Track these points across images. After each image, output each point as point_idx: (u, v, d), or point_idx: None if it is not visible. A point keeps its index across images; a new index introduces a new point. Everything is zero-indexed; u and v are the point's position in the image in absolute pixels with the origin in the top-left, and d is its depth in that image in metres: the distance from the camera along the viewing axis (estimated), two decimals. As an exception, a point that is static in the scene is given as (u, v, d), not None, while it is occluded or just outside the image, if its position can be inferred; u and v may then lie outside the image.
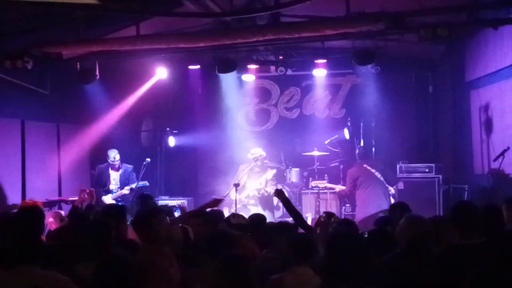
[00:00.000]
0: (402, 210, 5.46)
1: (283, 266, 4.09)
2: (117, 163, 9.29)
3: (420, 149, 10.79)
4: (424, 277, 3.74)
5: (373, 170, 8.79)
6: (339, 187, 9.54)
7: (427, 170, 8.93)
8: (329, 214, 6.41)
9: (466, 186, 8.94)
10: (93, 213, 6.03)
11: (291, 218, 9.81)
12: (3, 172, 8.61)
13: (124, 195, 9.08)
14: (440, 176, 8.84)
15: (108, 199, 9.04)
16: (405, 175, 8.99)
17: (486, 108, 8.59)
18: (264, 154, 9.67)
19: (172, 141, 11.34)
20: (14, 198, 8.74)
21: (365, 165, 8.88)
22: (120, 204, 7.51)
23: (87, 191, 6.54)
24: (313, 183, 9.75)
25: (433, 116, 11.04)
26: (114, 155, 9.29)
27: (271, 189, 9.20)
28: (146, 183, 9.32)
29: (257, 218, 5.75)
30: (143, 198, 6.82)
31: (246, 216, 5.85)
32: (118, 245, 4.28)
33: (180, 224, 5.01)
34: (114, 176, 9.30)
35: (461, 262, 3.72)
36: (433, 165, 8.96)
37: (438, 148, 10.85)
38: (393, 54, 9.75)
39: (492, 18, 7.27)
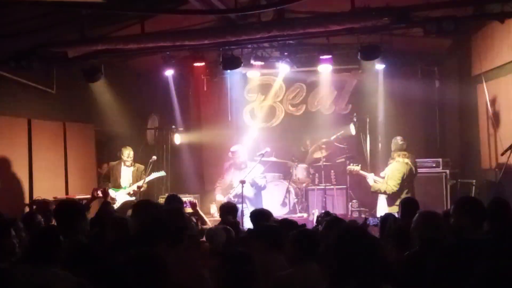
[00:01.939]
0: (412, 206, 5.45)
1: (289, 263, 4.06)
2: (130, 160, 9.33)
3: (427, 144, 10.76)
4: (441, 271, 3.74)
5: None
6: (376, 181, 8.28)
7: (434, 165, 8.90)
8: (326, 213, 6.45)
9: (474, 181, 8.91)
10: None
11: (297, 215, 9.94)
12: (10, 171, 8.65)
13: (135, 191, 9.12)
14: (448, 171, 8.82)
15: (121, 195, 9.07)
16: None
17: (493, 102, 8.54)
18: (244, 150, 9.33)
19: (177, 139, 11.36)
20: (21, 197, 8.79)
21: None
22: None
23: (101, 190, 6.63)
24: (349, 168, 8.82)
25: (439, 111, 11.00)
26: (128, 152, 9.33)
27: (262, 182, 9.06)
28: (163, 172, 9.34)
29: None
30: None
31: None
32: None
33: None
34: (126, 173, 9.33)
35: (470, 255, 3.73)
36: (440, 160, 8.93)
37: (445, 143, 10.81)
38: (398, 49, 9.71)
39: (498, 11, 7.21)
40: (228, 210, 6.28)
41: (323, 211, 7.45)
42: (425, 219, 4.07)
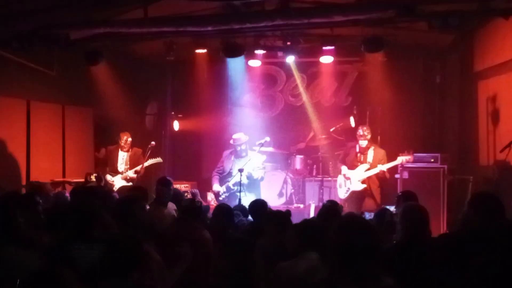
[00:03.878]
0: (409, 199, 5.46)
1: (292, 252, 4.08)
2: (127, 145, 9.33)
3: (426, 138, 10.77)
4: (426, 264, 3.77)
5: None
6: None
7: (432, 160, 8.87)
8: (333, 202, 6.45)
9: (471, 177, 8.92)
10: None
11: (294, 206, 9.95)
12: (8, 152, 8.63)
13: (132, 177, 9.13)
14: (445, 167, 8.79)
15: (118, 180, 9.06)
16: (410, 164, 8.93)
17: (493, 99, 8.53)
18: (246, 138, 9.31)
19: (176, 125, 11.33)
20: (18, 178, 8.77)
21: None
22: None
23: (95, 174, 6.60)
24: (400, 157, 8.62)
25: (439, 106, 11.00)
26: (126, 137, 9.33)
27: (257, 175, 9.09)
28: (159, 159, 9.34)
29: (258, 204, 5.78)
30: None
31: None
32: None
33: None
34: (124, 158, 9.33)
35: (463, 249, 3.77)
36: (438, 155, 8.90)
37: (444, 138, 10.82)
38: (401, 42, 9.69)
39: (503, 7, 7.19)
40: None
41: (325, 201, 7.47)
42: (408, 211, 4.16)
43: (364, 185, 8.61)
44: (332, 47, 9.04)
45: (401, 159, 8.50)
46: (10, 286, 3.15)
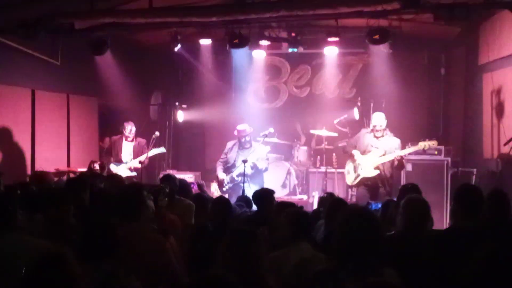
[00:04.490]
0: (412, 191, 5.45)
1: (283, 242, 4.09)
2: (132, 135, 9.35)
3: (430, 131, 10.73)
4: (424, 257, 3.80)
5: None
6: None
7: (436, 152, 8.86)
8: (330, 194, 6.47)
9: (475, 170, 8.91)
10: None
11: (297, 197, 9.97)
12: (13, 141, 8.66)
13: (136, 167, 9.15)
14: (449, 159, 8.79)
15: (122, 169, 9.09)
16: (413, 157, 8.91)
17: (498, 92, 8.50)
18: (251, 130, 9.28)
19: (180, 116, 11.34)
20: (23, 167, 8.81)
21: None
22: None
23: (99, 163, 6.61)
24: (422, 142, 8.24)
25: (444, 99, 10.98)
26: (130, 127, 9.36)
27: (262, 166, 9.11)
28: (163, 149, 9.35)
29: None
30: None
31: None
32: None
33: None
34: (128, 147, 9.36)
35: (462, 243, 3.79)
36: (442, 147, 8.89)
37: (448, 131, 10.81)
38: (406, 35, 9.65)
39: (510, 0, 7.15)
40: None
41: (324, 193, 7.47)
42: (409, 204, 4.16)
43: (377, 171, 8.13)
44: (337, 39, 9.00)
45: (423, 145, 8.07)
46: (16, 271, 3.18)
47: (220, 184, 9.21)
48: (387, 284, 2.58)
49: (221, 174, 9.22)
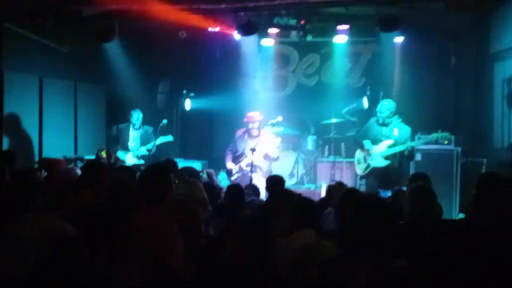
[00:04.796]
0: (421, 181, 5.40)
1: (289, 229, 4.09)
2: (139, 123, 9.34)
3: (440, 120, 10.64)
4: (429, 246, 3.77)
5: None
6: None
7: (446, 142, 8.78)
8: (340, 183, 6.42)
9: (485, 159, 8.83)
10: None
11: (304, 186, 9.94)
12: (21, 128, 8.67)
13: (143, 155, 9.14)
14: (459, 149, 8.71)
15: (129, 157, 9.08)
16: (423, 146, 8.86)
17: (509, 81, 8.41)
18: (261, 117, 9.26)
19: (188, 104, 11.30)
20: (31, 154, 8.82)
21: None
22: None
23: (105, 150, 6.59)
24: (435, 133, 8.28)
25: (454, 88, 10.88)
26: (137, 115, 9.34)
27: (274, 154, 9.06)
28: (170, 137, 9.34)
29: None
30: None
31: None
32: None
33: None
34: (135, 135, 9.35)
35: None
36: (452, 137, 8.82)
37: (458, 120, 10.71)
38: (417, 23, 9.54)
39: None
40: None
41: (333, 181, 7.43)
42: (415, 193, 4.15)
43: (388, 162, 8.06)
44: (347, 27, 8.90)
45: (436, 136, 8.05)
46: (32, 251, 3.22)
47: (229, 173, 9.20)
48: (397, 271, 2.55)
49: (229, 164, 9.20)
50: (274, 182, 5.72)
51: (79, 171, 6.86)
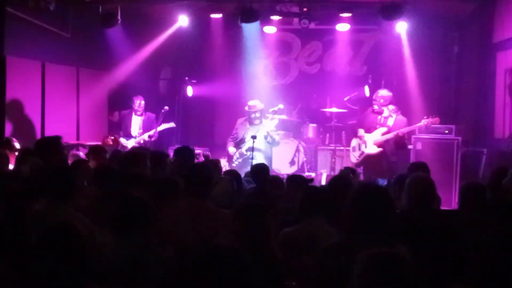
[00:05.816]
0: (420, 170, 5.41)
1: (297, 219, 4.10)
2: (141, 109, 9.36)
3: (441, 109, 10.63)
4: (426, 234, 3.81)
5: None
6: None
7: (446, 131, 8.80)
8: (352, 170, 6.43)
9: (485, 149, 8.85)
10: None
11: (305, 174, 9.95)
12: (23, 113, 8.68)
13: (145, 141, 9.17)
14: (460, 138, 8.72)
15: (131, 144, 9.11)
16: (424, 135, 8.87)
17: (512, 71, 8.41)
18: (262, 106, 9.27)
19: (190, 91, 11.30)
20: (33, 139, 8.83)
21: None
22: None
23: (112, 137, 6.63)
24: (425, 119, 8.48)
25: (456, 77, 10.86)
26: (139, 101, 9.36)
27: (276, 137, 9.10)
28: (172, 124, 9.35)
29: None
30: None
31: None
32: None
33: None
34: (137, 122, 9.38)
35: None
36: (453, 126, 8.82)
37: (459, 110, 10.71)
38: (420, 12, 9.50)
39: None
40: None
41: (342, 168, 7.45)
42: (414, 182, 4.18)
43: (380, 149, 8.25)
44: (350, 14, 8.88)
45: (424, 122, 8.26)
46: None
47: (230, 158, 9.23)
48: (396, 255, 2.57)
49: (231, 149, 9.24)
50: (259, 170, 5.69)
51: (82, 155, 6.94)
